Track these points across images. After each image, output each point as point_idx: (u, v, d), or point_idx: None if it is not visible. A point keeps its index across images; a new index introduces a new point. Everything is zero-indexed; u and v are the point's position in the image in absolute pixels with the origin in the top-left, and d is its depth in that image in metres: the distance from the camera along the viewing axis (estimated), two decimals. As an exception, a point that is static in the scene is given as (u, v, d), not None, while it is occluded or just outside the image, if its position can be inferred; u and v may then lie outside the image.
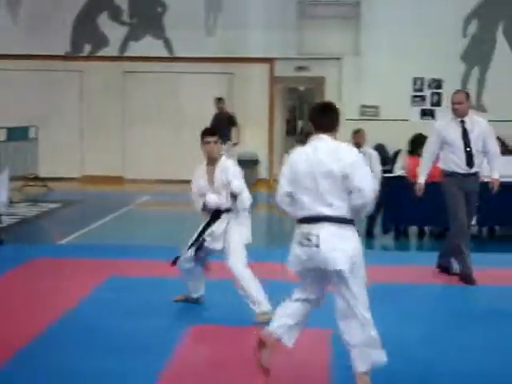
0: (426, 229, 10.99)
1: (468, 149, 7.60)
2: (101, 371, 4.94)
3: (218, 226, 6.25)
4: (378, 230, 10.79)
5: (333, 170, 4.50)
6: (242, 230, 6.28)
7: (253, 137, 18.08)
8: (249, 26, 17.73)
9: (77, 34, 18.11)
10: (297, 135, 20.69)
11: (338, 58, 17.75)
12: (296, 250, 4.66)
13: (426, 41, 17.12)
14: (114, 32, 18.02)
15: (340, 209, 4.53)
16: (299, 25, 17.60)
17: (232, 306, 6.42)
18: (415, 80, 17.80)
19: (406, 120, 16.78)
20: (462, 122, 7.65)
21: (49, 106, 17.73)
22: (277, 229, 11.33)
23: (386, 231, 10.79)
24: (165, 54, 18.04)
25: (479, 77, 17.80)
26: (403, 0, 17.39)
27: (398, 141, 14.23)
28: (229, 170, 6.30)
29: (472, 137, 7.61)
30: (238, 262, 6.17)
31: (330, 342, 5.55)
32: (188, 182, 6.63)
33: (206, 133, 6.47)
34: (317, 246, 4.49)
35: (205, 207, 6.34)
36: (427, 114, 17.63)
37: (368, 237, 10.61)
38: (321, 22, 17.44)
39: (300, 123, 21.13)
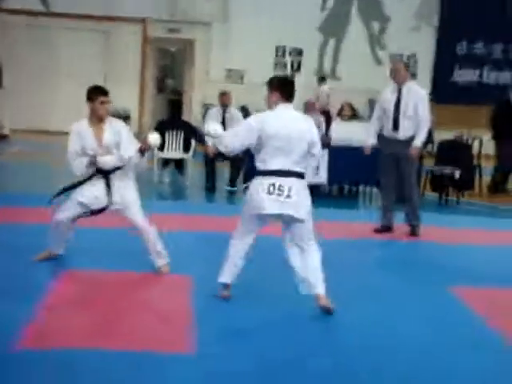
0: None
1: (396, 114, 7.66)
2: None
3: (114, 188, 5.76)
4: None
5: (305, 135, 5.03)
6: (132, 187, 5.90)
7: (125, 93, 17.71)
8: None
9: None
10: (166, 92, 20.40)
11: (207, 23, 17.58)
12: (262, 197, 4.95)
13: (288, 12, 17.24)
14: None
15: (302, 166, 5.03)
16: (172, -12, 17.30)
17: (105, 253, 6.30)
18: (277, 48, 17.90)
19: (268, 84, 16.81)
20: (400, 90, 7.68)
21: None
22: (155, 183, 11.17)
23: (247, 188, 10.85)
24: (41, 8, 17.25)
25: (334, 48, 18.12)
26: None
27: (261, 103, 14.27)
28: (123, 129, 5.81)
29: (403, 103, 7.65)
30: (142, 218, 5.85)
31: (192, 287, 5.55)
32: (61, 133, 6.22)
33: (102, 93, 5.74)
34: (288, 196, 4.91)
35: (90, 167, 5.71)
36: (287, 79, 17.76)
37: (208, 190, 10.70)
38: (193, -13, 17.22)
39: (170, 82, 20.81)
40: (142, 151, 5.76)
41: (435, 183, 11.09)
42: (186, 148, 11.08)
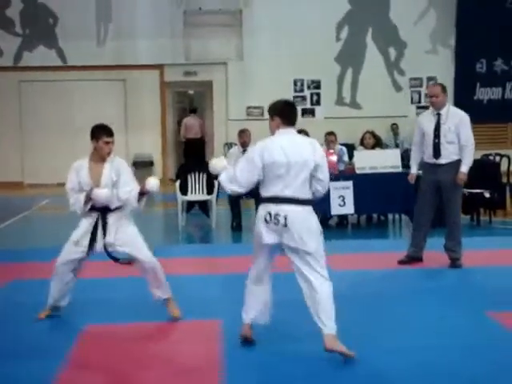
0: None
1: (436, 140, 7.39)
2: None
3: (110, 228, 5.62)
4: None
5: (307, 159, 4.72)
6: (130, 225, 5.75)
7: (147, 139, 17.87)
8: (138, 35, 17.50)
9: (-30, 46, 17.36)
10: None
11: (223, 63, 17.68)
12: (260, 226, 4.74)
13: (303, 45, 17.28)
14: (7, 43, 17.37)
15: (305, 192, 4.73)
16: (186, 33, 17.44)
17: (124, 304, 6.17)
18: (296, 81, 17.92)
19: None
20: (439, 114, 7.44)
21: None
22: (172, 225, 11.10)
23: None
24: (58, 63, 17.51)
25: (353, 77, 18.09)
26: (281, 8, 17.44)
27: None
28: (123, 169, 5.70)
29: (443, 129, 7.38)
30: (148, 253, 5.66)
31: (221, 332, 5.42)
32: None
33: (107, 133, 5.64)
34: (285, 225, 4.64)
35: (87, 203, 5.60)
36: (308, 112, 17.77)
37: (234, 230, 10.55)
38: (206, 29, 17.33)
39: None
40: (141, 195, 5.64)
41: (465, 205, 10.84)
42: (210, 189, 11.03)
